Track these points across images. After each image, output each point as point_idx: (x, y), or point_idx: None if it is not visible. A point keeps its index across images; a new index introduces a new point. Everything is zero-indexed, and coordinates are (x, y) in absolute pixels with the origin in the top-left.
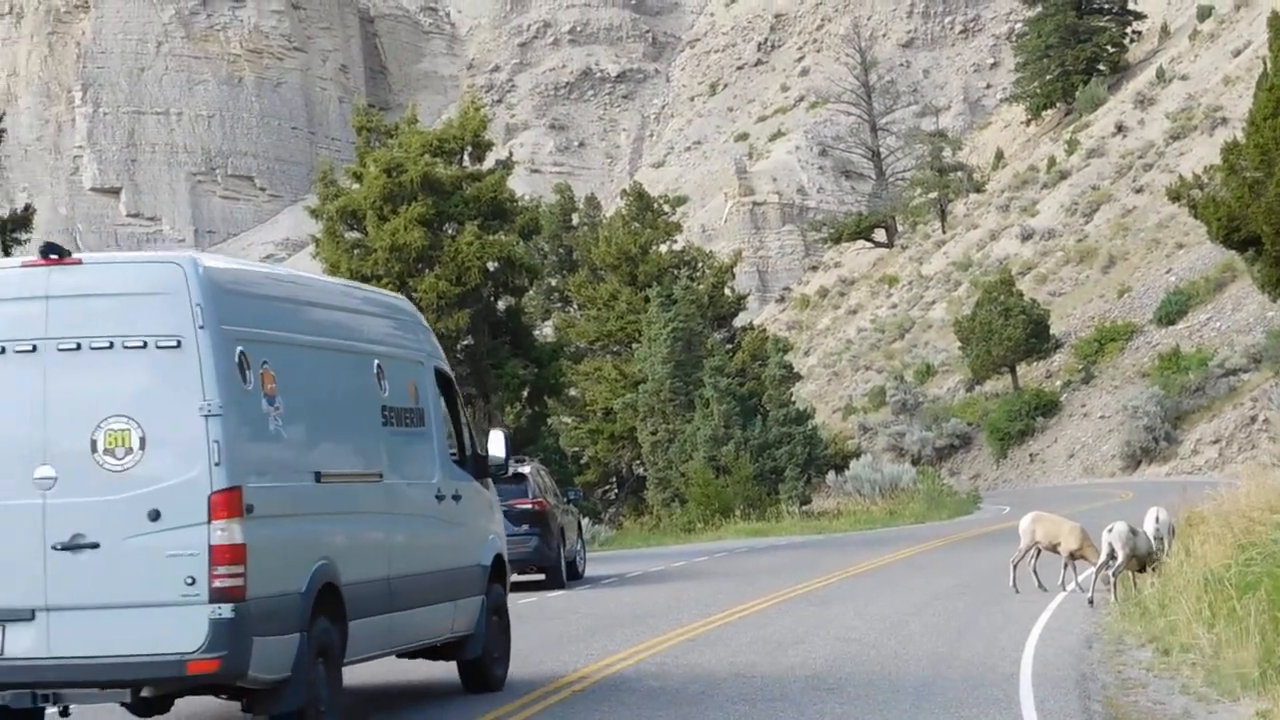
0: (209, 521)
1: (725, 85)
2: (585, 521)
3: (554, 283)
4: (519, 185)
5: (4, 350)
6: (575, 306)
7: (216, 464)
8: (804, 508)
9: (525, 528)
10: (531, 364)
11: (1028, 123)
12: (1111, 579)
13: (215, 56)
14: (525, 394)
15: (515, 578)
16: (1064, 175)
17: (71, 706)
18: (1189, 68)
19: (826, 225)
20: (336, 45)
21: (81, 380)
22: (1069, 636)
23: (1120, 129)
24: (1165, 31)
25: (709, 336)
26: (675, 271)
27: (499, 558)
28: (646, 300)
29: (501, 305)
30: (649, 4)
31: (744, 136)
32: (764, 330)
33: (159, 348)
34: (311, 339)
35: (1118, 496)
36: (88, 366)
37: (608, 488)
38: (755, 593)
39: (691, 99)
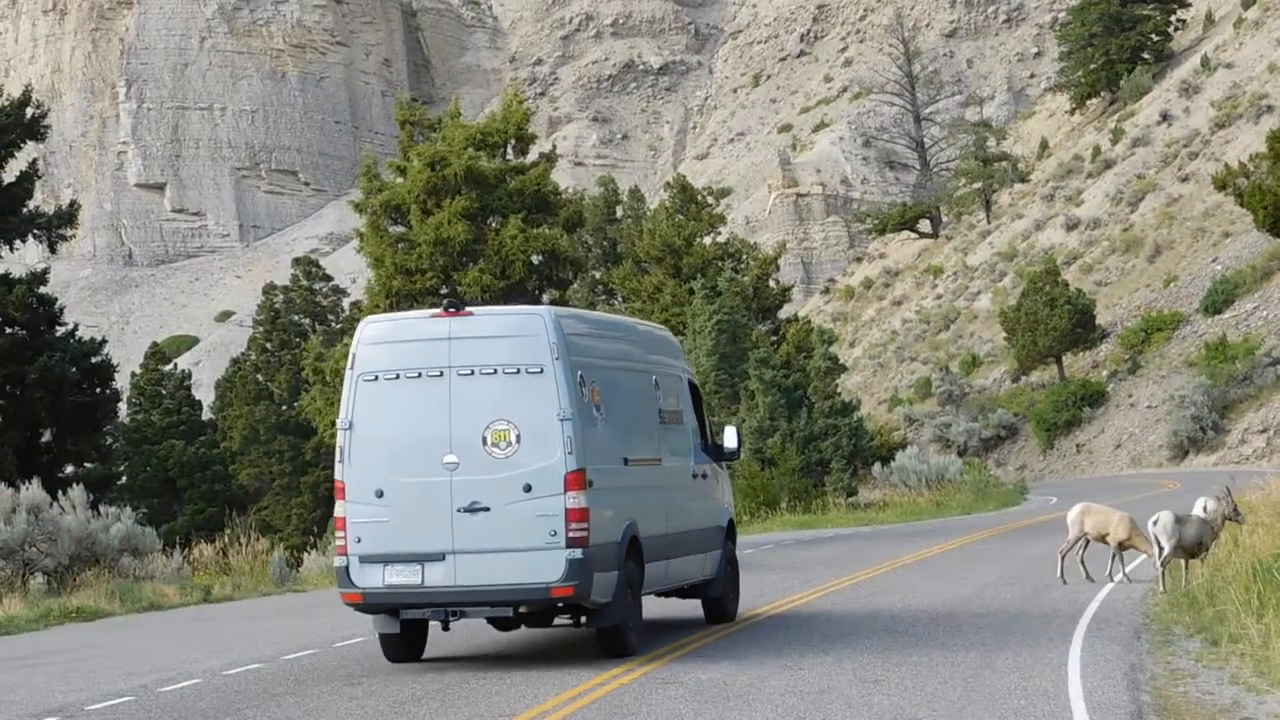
0: (564, 492)
1: (768, 76)
2: None
3: (598, 275)
4: (562, 178)
5: (421, 374)
6: (620, 299)
7: (569, 453)
8: (850, 500)
9: None
10: None
11: (1072, 112)
12: (1159, 569)
13: (258, 51)
14: None
15: None
16: (1109, 164)
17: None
18: (1234, 55)
19: (871, 216)
20: (379, 39)
21: (475, 395)
22: (1117, 627)
23: (1165, 117)
24: (1209, 19)
25: (754, 328)
26: (719, 263)
27: (731, 521)
28: (691, 292)
29: (546, 298)
30: None
31: (787, 128)
32: (809, 322)
33: (528, 372)
34: (617, 363)
35: (1165, 486)
36: (479, 385)
37: None
38: (801, 585)
39: (734, 90)
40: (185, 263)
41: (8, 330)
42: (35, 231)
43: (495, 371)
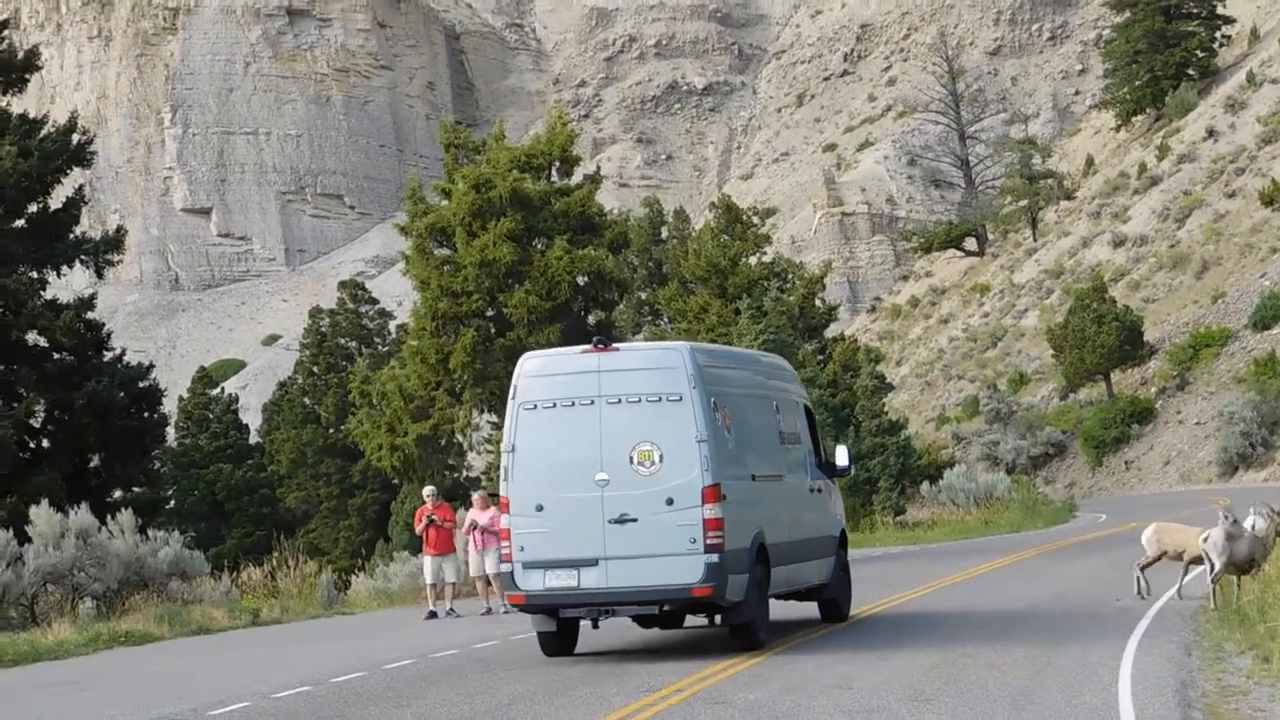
0: (702, 505)
1: (812, 96)
2: None
3: (644, 296)
4: (607, 199)
5: (574, 403)
6: (666, 320)
7: (706, 470)
8: (898, 518)
9: None
10: None
11: (1117, 129)
12: (1210, 585)
13: (303, 76)
14: None
15: None
16: (1155, 181)
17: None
18: (1279, 71)
19: (916, 235)
20: (423, 63)
21: (622, 421)
22: (1168, 644)
23: (1211, 133)
24: (1255, 35)
25: (800, 348)
26: (765, 283)
27: (843, 531)
28: (737, 312)
29: (592, 319)
30: (734, 16)
31: (832, 147)
32: (855, 341)
33: (668, 400)
34: (743, 391)
35: (1215, 503)
36: (625, 412)
37: None
38: (851, 603)
39: (779, 110)
40: (231, 287)
41: (56, 356)
42: (82, 257)
43: (640, 400)
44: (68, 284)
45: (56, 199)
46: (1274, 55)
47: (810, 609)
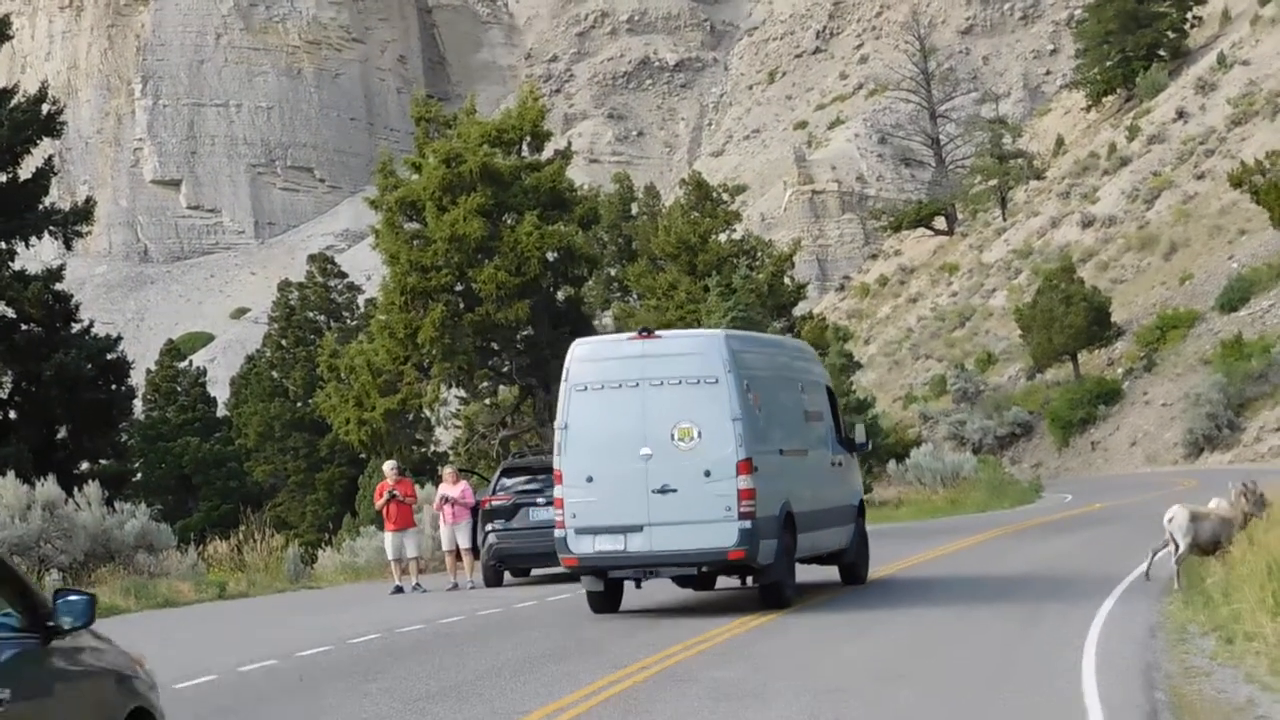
0: (736, 476)
1: (784, 73)
2: None
3: (613, 272)
4: (578, 175)
5: (621, 385)
6: (635, 296)
7: (739, 446)
8: (865, 497)
9: None
10: None
11: (1088, 109)
12: (1174, 567)
13: (274, 48)
14: None
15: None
16: (1125, 162)
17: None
18: (1250, 53)
19: (886, 213)
20: (395, 36)
21: (664, 401)
22: (1133, 625)
23: (1181, 115)
24: (1226, 17)
25: (769, 325)
26: (734, 260)
27: (861, 501)
28: (706, 289)
29: (561, 295)
30: None
31: (803, 125)
32: (824, 319)
33: (705, 383)
34: (772, 374)
35: (1180, 485)
36: (667, 393)
37: None
38: (816, 581)
39: (750, 87)
40: (201, 259)
41: (24, 327)
42: (51, 228)
43: (680, 382)
44: (36, 255)
45: (26, 169)
46: (1245, 37)
47: (829, 573)
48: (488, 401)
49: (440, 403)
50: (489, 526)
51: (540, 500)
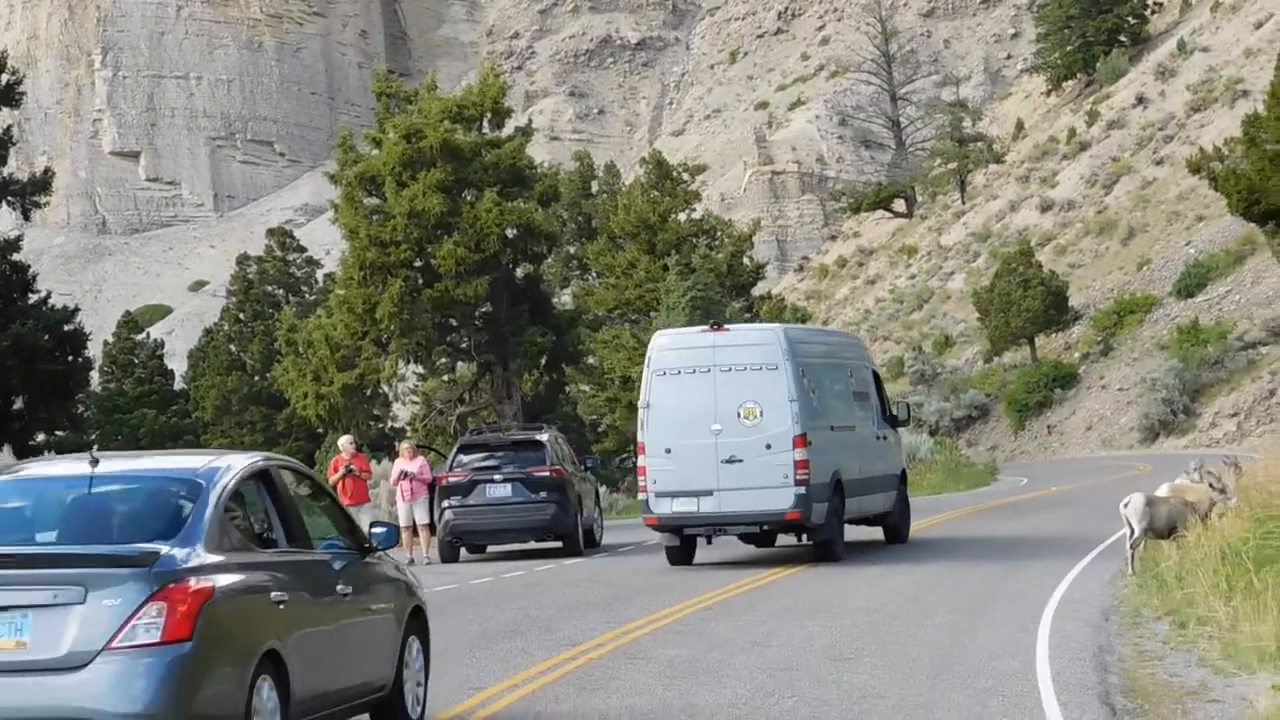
0: (793, 449)
1: (745, 54)
2: (603, 490)
3: (573, 250)
4: (538, 152)
5: (695, 371)
6: (594, 274)
7: (795, 423)
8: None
9: (542, 495)
10: (550, 331)
11: (1048, 93)
12: (1129, 551)
13: (235, 21)
14: (543, 361)
15: (532, 545)
16: (1084, 146)
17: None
18: (1210, 39)
19: (846, 195)
20: (356, 11)
21: (732, 384)
22: (1087, 608)
23: (1141, 100)
24: (1187, 3)
25: (727, 305)
26: (694, 240)
27: (903, 471)
28: (665, 269)
29: (520, 272)
30: None
31: (764, 105)
32: (782, 300)
33: (767, 369)
34: (824, 361)
35: (1135, 469)
36: (735, 378)
37: (625, 456)
38: (774, 562)
39: (711, 67)
40: (159, 232)
41: None
42: (9, 198)
43: (745, 369)
44: None
45: None
46: (1205, 24)
47: (873, 533)
48: (446, 378)
49: (398, 378)
50: (445, 503)
51: (497, 477)
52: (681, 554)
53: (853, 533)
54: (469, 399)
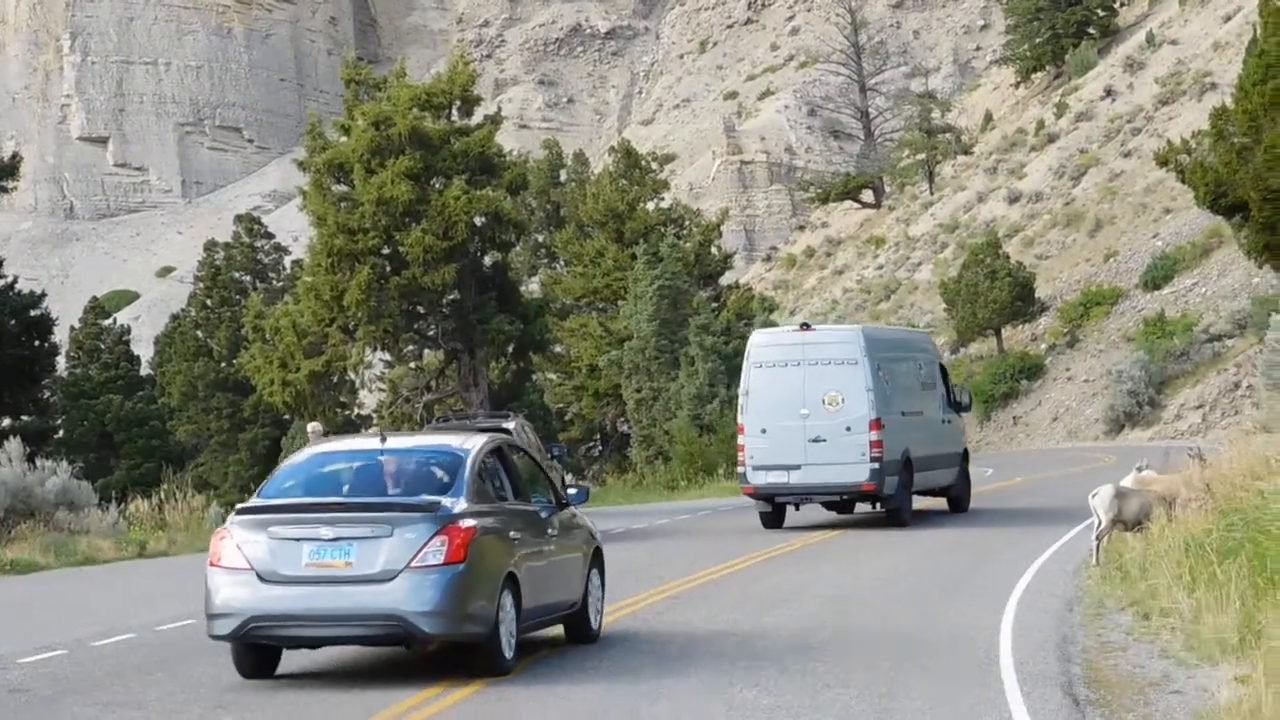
0: (869, 431)
1: (715, 43)
2: (569, 477)
3: (541, 239)
4: (507, 140)
5: (787, 364)
6: (562, 263)
7: (871, 409)
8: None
9: None
10: (517, 320)
11: (1017, 85)
12: (1094, 542)
13: (204, 7)
14: (511, 349)
15: None
16: (1052, 138)
17: (802, 507)
18: (1179, 32)
19: (814, 185)
20: None
21: (817, 376)
22: (1050, 599)
23: (1109, 93)
24: None
25: (695, 294)
26: (662, 229)
27: (965, 450)
28: (633, 257)
29: (488, 260)
30: None
31: (733, 95)
32: (750, 289)
33: (848, 363)
34: (897, 355)
35: (1101, 460)
36: (820, 370)
37: (592, 444)
38: (739, 551)
39: (681, 57)
40: (127, 217)
41: None
42: None
43: (829, 363)
44: None
45: None
46: (1174, 16)
47: (938, 503)
48: (413, 365)
49: (365, 365)
50: None
51: None
52: (773, 518)
53: (920, 503)
54: (436, 386)
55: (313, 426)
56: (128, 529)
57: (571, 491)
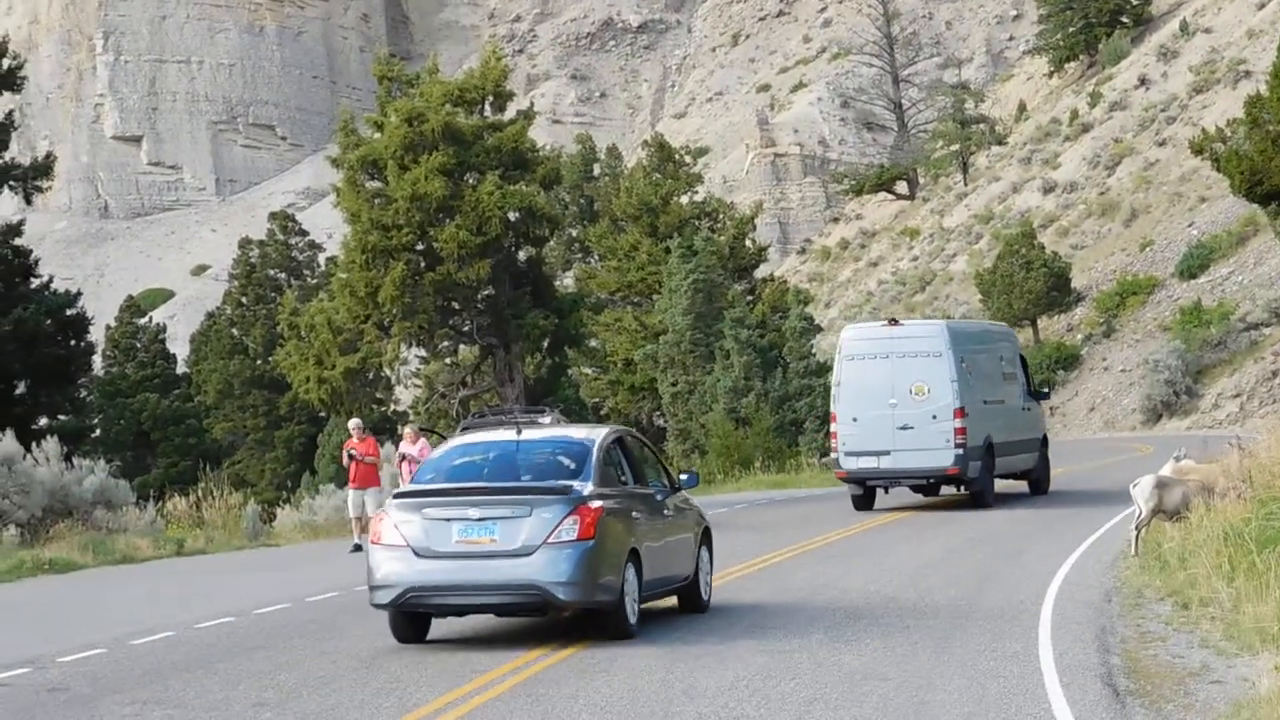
0: (953, 419)
1: (747, 36)
2: None
3: (575, 233)
4: (540, 135)
5: (876, 357)
6: (596, 257)
7: (955, 398)
8: (824, 460)
9: None
10: (552, 314)
11: (1050, 75)
12: (1133, 531)
13: (236, 5)
14: (546, 344)
15: None
16: (1086, 128)
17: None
18: (1212, 20)
19: (848, 177)
20: None
21: (905, 368)
22: (1088, 590)
23: (1143, 82)
24: None
25: (729, 288)
26: (696, 223)
27: (1045, 436)
28: (667, 251)
29: (522, 255)
30: None
31: (765, 88)
32: (785, 282)
33: (934, 356)
34: (979, 348)
35: (1138, 450)
36: (907, 363)
37: None
38: (775, 545)
39: (713, 50)
40: (161, 216)
41: None
42: (10, 183)
43: (916, 355)
44: None
45: None
46: (1207, 5)
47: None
48: (448, 361)
49: (400, 362)
50: None
51: None
52: (864, 501)
53: (1000, 485)
54: (471, 382)
55: (354, 423)
56: (165, 527)
57: (684, 477)
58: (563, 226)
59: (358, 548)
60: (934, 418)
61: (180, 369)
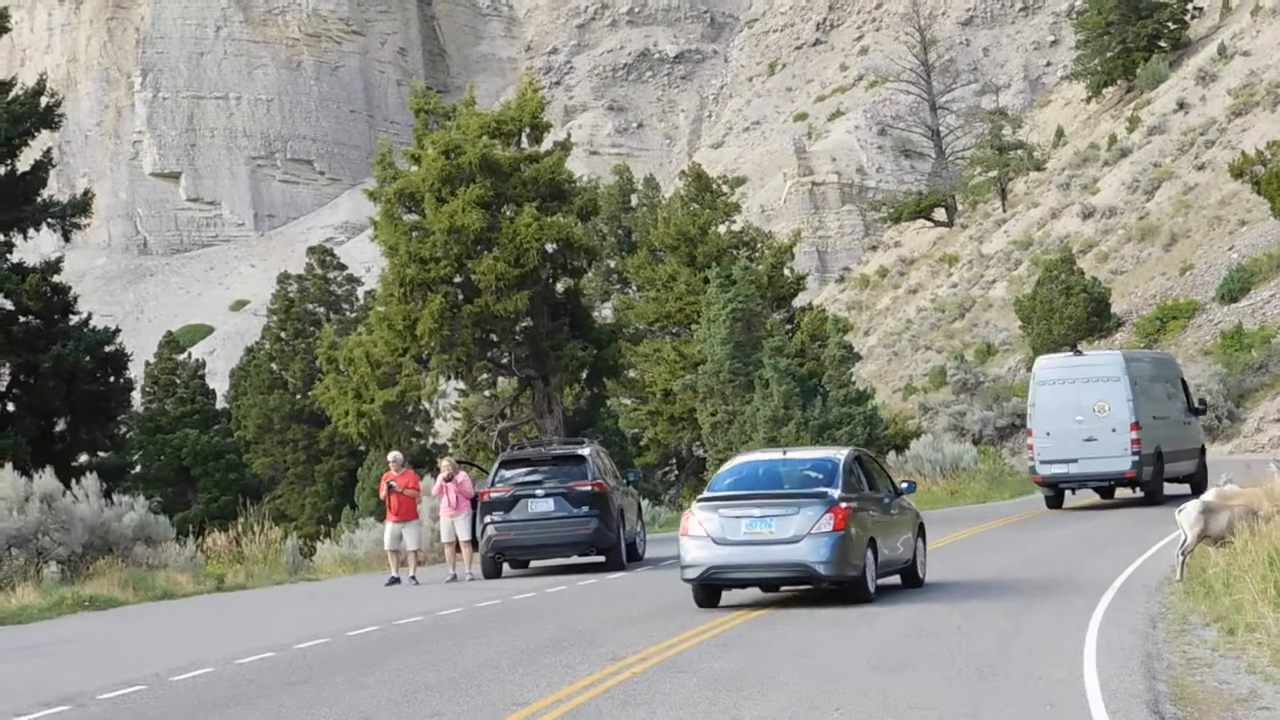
0: (1130, 431)
1: (784, 65)
2: (645, 503)
3: (613, 264)
4: (577, 166)
5: (1065, 381)
6: (634, 288)
7: (1131, 414)
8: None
9: (585, 509)
10: (590, 345)
11: (1088, 100)
12: (1179, 557)
13: (274, 40)
14: (584, 375)
15: (575, 560)
16: (1125, 153)
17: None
18: (1251, 44)
19: (886, 205)
20: (395, 28)
21: (1089, 390)
22: (1134, 615)
23: (1182, 106)
24: (1227, 7)
25: (768, 317)
26: (734, 252)
27: (1202, 446)
28: (705, 281)
29: (560, 287)
30: None
31: (803, 116)
32: (823, 310)
33: (1112, 380)
34: (1149, 372)
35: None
36: (1091, 385)
37: (668, 469)
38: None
39: (750, 79)
40: (200, 252)
41: (22, 319)
42: (50, 220)
43: (1097, 380)
44: (35, 247)
45: (25, 162)
46: (1245, 28)
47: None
48: (487, 393)
49: (439, 394)
50: (488, 518)
51: (539, 492)
52: (1055, 501)
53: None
54: (510, 414)
55: (394, 455)
56: (205, 563)
57: (904, 485)
58: (600, 257)
59: (394, 580)
60: (1114, 431)
61: (220, 404)
